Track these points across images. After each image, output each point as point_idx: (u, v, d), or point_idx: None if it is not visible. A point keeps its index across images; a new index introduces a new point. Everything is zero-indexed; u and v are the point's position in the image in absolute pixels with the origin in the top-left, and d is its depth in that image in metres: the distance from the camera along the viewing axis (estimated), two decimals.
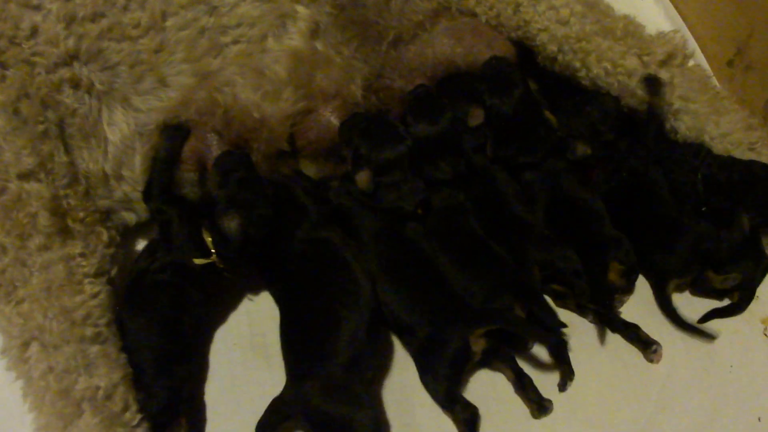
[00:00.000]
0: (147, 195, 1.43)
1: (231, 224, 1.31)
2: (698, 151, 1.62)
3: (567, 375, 1.38)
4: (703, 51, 2.02)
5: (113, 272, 1.36)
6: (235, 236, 1.31)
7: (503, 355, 1.38)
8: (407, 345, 1.40)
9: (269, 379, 1.37)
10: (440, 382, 1.32)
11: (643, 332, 1.45)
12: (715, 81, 1.82)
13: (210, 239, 1.36)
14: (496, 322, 1.32)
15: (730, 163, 1.58)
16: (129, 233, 1.53)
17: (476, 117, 1.57)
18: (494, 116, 1.57)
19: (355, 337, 1.27)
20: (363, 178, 1.46)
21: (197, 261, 1.34)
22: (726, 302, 1.55)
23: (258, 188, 1.37)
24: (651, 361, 1.44)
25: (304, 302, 1.35)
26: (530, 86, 1.64)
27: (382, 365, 1.40)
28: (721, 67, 1.96)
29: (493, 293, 1.39)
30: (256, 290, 1.50)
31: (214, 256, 1.36)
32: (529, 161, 1.59)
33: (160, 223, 1.41)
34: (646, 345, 1.45)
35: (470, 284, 1.42)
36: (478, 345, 1.31)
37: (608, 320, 1.46)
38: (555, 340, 1.38)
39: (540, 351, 1.43)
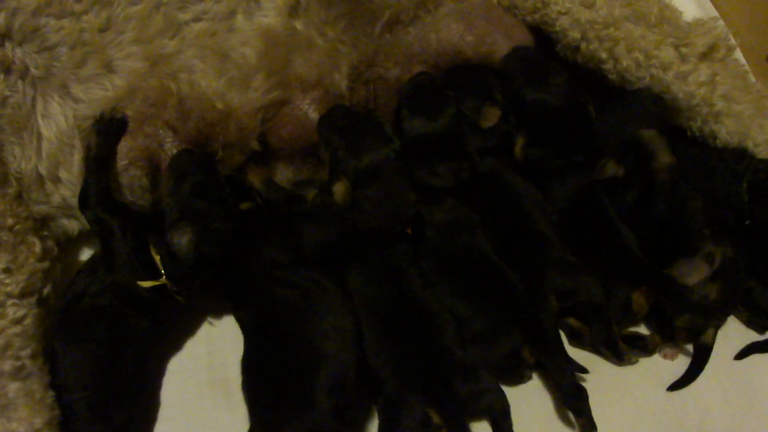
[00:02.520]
0: (83, 202, 1.29)
1: (182, 240, 1.20)
2: (741, 156, 1.49)
3: (588, 429, 1.24)
4: (738, 44, 1.84)
5: (46, 291, 1.26)
6: (185, 255, 1.20)
7: None
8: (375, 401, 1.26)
9: (230, 421, 1.27)
10: None
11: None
12: (752, 78, 1.67)
13: (158, 257, 1.23)
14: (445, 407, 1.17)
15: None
16: (71, 244, 1.42)
17: (491, 117, 1.43)
18: (537, 112, 1.43)
19: (342, 379, 1.16)
20: (339, 189, 1.29)
21: (143, 284, 1.22)
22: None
23: (216, 196, 1.25)
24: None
25: (279, 333, 1.23)
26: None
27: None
28: (759, 63, 1.84)
29: (497, 332, 1.27)
30: (217, 312, 1.39)
31: (163, 277, 1.23)
32: (561, 167, 1.45)
33: (100, 236, 1.27)
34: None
35: (473, 320, 1.29)
36: (438, 419, 1.16)
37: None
38: (572, 396, 1.23)
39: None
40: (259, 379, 1.21)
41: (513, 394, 1.27)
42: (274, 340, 1.23)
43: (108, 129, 1.31)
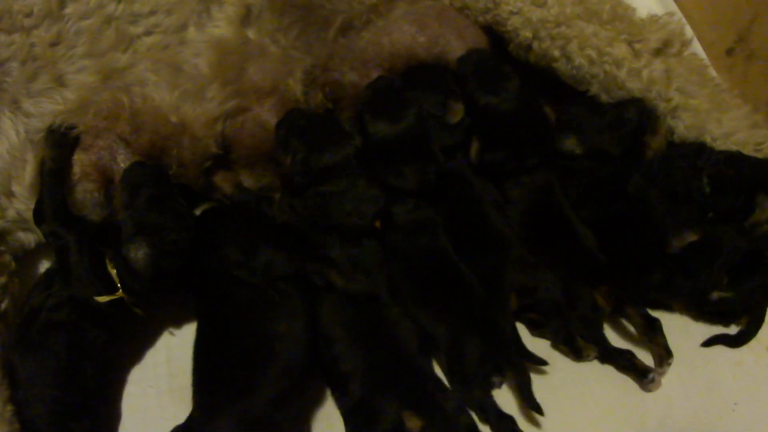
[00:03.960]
0: (38, 216, 1.28)
1: (138, 254, 1.18)
2: (700, 150, 1.49)
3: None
4: (699, 38, 1.89)
5: (4, 305, 1.26)
6: (143, 269, 1.19)
7: None
8: (337, 400, 1.26)
9: None
10: None
11: (638, 360, 1.33)
12: (713, 72, 1.68)
13: (114, 271, 1.22)
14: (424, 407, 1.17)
15: (738, 156, 1.46)
16: (29, 257, 1.41)
17: (457, 112, 1.43)
18: (488, 116, 1.43)
19: (288, 372, 1.18)
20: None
21: (100, 299, 1.21)
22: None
23: (171, 208, 1.24)
24: (649, 390, 1.33)
25: (230, 325, 1.24)
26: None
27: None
28: (719, 56, 1.85)
29: (460, 338, 1.25)
30: (177, 321, 1.38)
31: (120, 291, 1.21)
32: (520, 167, 1.44)
33: (56, 250, 1.26)
34: (642, 374, 1.32)
35: (435, 326, 1.28)
36: (413, 423, 1.15)
37: (602, 349, 1.34)
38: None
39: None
40: (206, 367, 1.21)
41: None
42: (225, 333, 1.23)
43: (61, 141, 1.30)
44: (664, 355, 1.31)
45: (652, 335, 1.32)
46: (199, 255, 1.26)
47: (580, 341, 1.31)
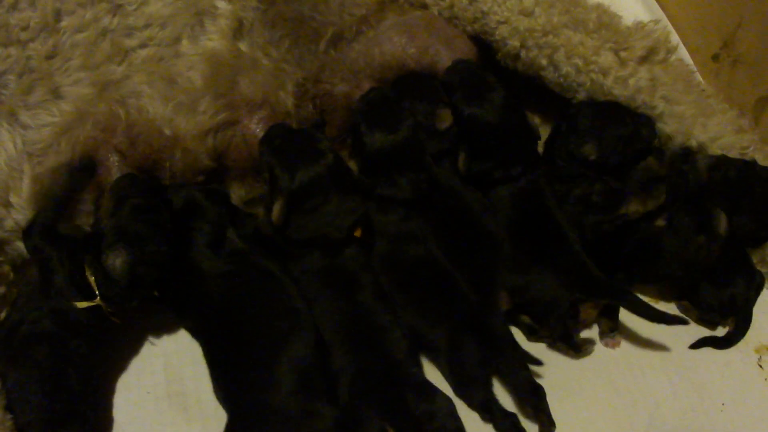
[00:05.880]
0: (26, 232, 1.29)
1: (116, 261, 1.17)
2: (685, 155, 1.51)
3: (547, 426, 1.24)
4: (685, 44, 1.91)
5: (2, 316, 1.26)
6: (119, 275, 1.17)
7: None
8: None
9: None
10: None
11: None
12: (699, 77, 1.70)
13: (93, 278, 1.21)
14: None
15: (724, 160, 1.47)
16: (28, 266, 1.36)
17: (446, 119, 1.43)
18: (473, 127, 1.44)
19: (302, 361, 1.18)
20: (275, 208, 1.28)
21: (79, 304, 1.20)
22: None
23: (154, 219, 1.23)
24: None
25: (233, 332, 1.24)
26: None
27: None
28: (705, 62, 1.88)
29: (458, 342, 1.26)
30: (174, 329, 1.38)
31: (98, 298, 1.21)
32: (506, 176, 1.45)
33: (38, 262, 1.25)
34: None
35: (432, 332, 1.29)
36: None
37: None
38: (530, 395, 1.24)
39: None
40: (224, 379, 1.22)
41: None
42: (226, 339, 1.24)
43: (80, 176, 1.31)
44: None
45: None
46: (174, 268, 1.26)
47: (578, 337, 1.32)
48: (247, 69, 1.40)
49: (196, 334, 1.32)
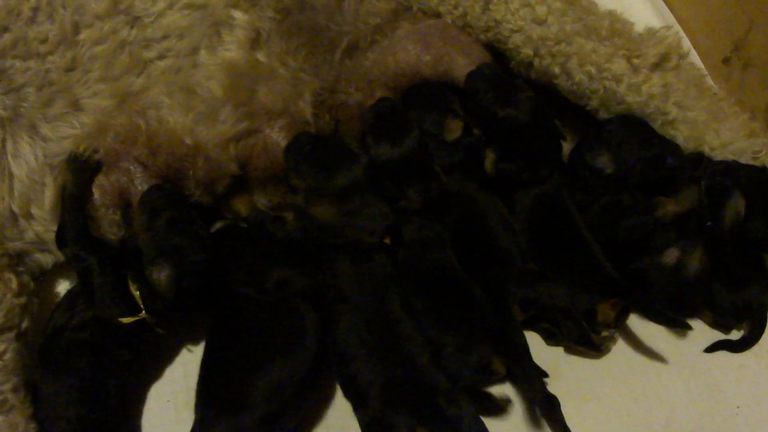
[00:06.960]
0: (60, 239, 1.30)
1: (161, 276, 1.19)
2: (697, 160, 1.49)
3: None
4: (695, 47, 1.90)
5: (24, 325, 1.26)
6: (165, 290, 1.19)
7: None
8: (356, 413, 1.26)
9: None
10: None
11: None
12: (710, 81, 1.68)
13: (138, 293, 1.23)
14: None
15: (735, 167, 1.46)
16: (46, 277, 1.42)
17: (454, 130, 1.44)
18: (506, 128, 1.43)
19: (279, 390, 1.17)
20: (322, 212, 1.30)
21: (124, 320, 1.22)
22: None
23: (190, 230, 1.25)
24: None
25: (232, 341, 1.26)
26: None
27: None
28: (716, 65, 1.86)
29: (468, 345, 1.26)
30: (194, 337, 1.38)
31: (143, 312, 1.23)
32: (532, 178, 1.46)
33: (79, 272, 1.28)
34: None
35: (443, 335, 1.28)
36: None
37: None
38: (544, 405, 1.22)
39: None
40: (206, 380, 1.22)
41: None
42: (227, 348, 1.25)
43: (83, 167, 1.31)
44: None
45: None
46: (213, 275, 1.27)
47: (595, 337, 1.32)
48: (266, 78, 1.40)
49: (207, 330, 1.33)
